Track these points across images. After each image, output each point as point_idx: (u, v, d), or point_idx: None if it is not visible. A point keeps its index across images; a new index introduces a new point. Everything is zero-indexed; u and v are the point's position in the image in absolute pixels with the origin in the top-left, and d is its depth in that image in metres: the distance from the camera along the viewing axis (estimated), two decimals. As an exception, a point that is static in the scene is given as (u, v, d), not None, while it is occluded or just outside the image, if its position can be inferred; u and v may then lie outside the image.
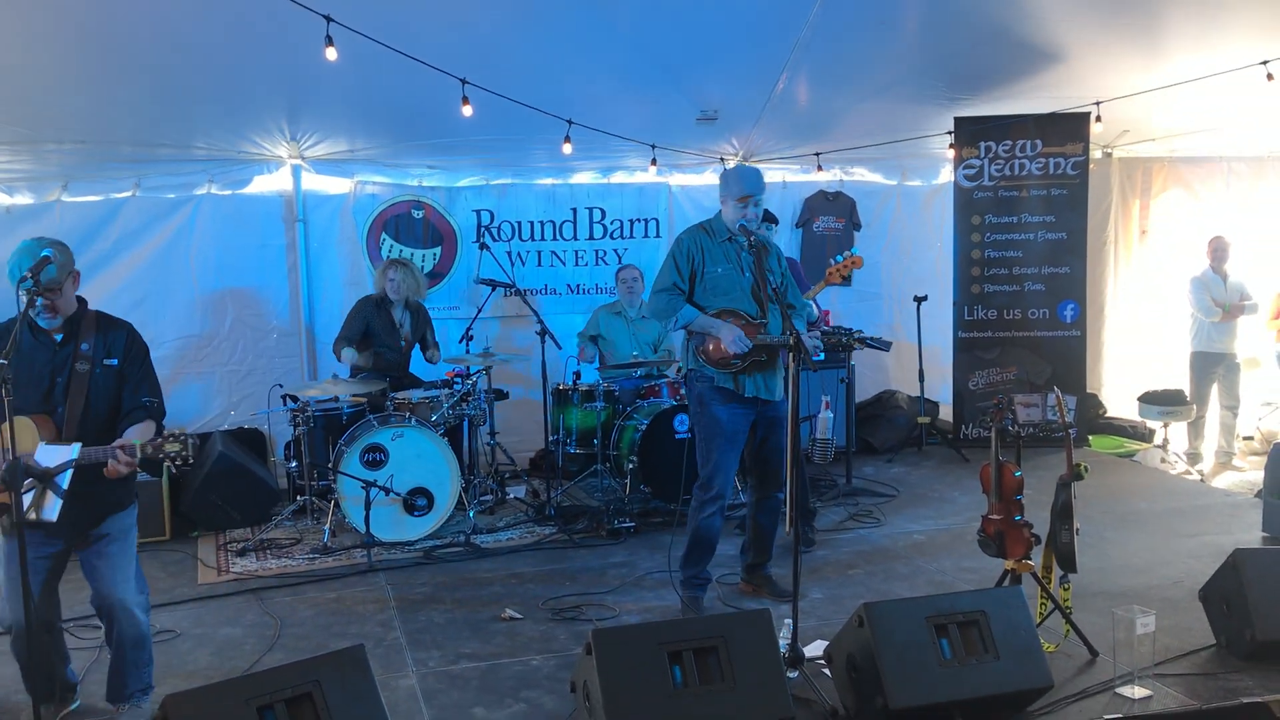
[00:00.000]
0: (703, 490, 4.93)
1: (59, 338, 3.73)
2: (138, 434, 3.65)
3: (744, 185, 4.83)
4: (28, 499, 3.32)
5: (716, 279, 4.88)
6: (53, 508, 3.39)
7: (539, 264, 8.35)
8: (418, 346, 7.25)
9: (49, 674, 3.89)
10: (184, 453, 3.56)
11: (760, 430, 5.00)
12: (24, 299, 3.54)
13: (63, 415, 3.64)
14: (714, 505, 4.91)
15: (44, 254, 3.59)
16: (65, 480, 3.39)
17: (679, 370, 7.20)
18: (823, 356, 7.69)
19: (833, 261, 6.01)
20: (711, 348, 4.84)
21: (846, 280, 6.18)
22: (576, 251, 8.44)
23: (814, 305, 4.66)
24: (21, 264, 3.60)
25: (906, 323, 8.71)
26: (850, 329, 5.45)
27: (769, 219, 6.48)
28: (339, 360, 6.81)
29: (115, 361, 3.76)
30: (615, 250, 8.50)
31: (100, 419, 3.72)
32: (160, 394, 3.87)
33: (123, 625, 3.83)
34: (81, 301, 3.82)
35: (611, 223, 8.49)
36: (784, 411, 4.95)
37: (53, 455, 3.41)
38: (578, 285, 8.46)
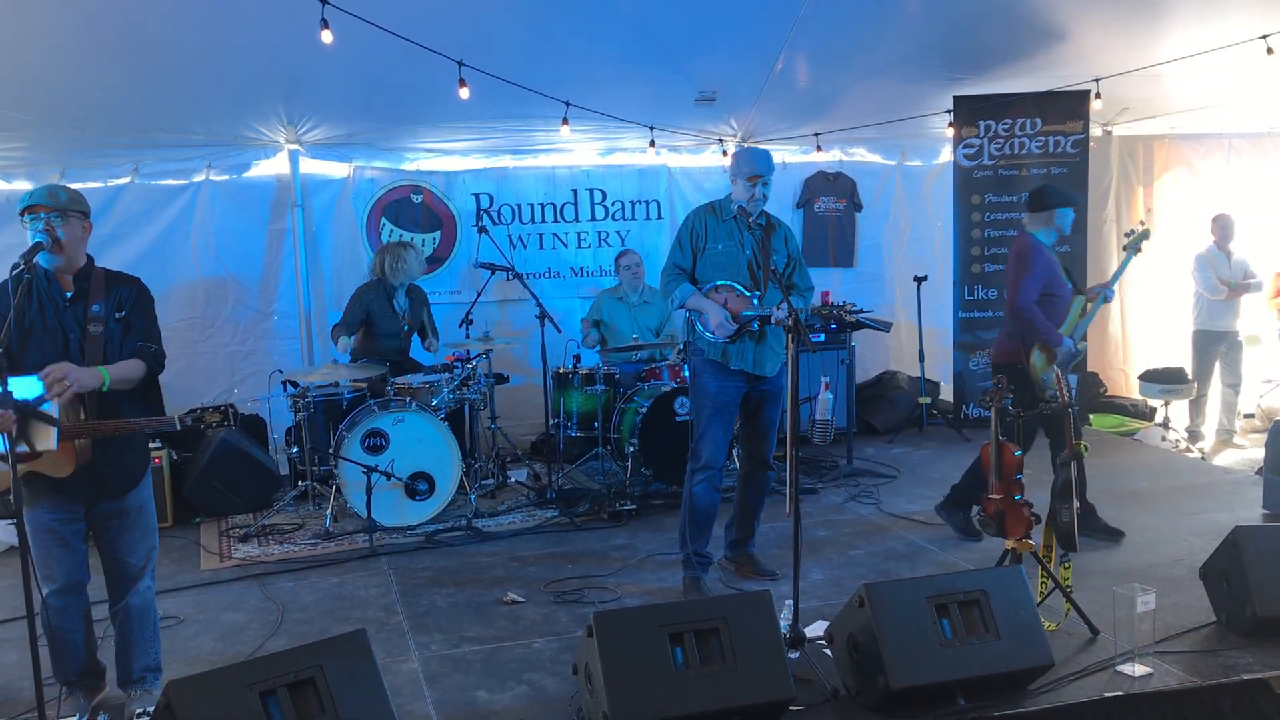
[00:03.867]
0: (693, 459, 5.02)
1: (69, 295, 3.64)
2: (123, 368, 3.57)
3: (754, 165, 4.89)
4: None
5: (716, 256, 4.97)
6: (51, 438, 3.39)
7: (540, 247, 8.33)
8: (417, 333, 7.24)
9: (77, 646, 3.85)
10: (225, 423, 3.66)
11: (752, 402, 5.07)
12: (30, 234, 3.54)
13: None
14: (703, 474, 4.96)
15: (57, 186, 3.67)
16: (54, 408, 3.37)
17: (679, 352, 7.22)
18: (823, 338, 7.76)
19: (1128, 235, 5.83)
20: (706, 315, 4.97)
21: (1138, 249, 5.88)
22: (579, 233, 8.42)
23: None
24: (34, 193, 3.60)
25: (908, 303, 8.71)
26: (844, 304, 5.32)
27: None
28: (336, 347, 6.80)
29: (124, 313, 3.71)
30: (618, 232, 8.48)
31: (129, 391, 3.65)
32: (159, 341, 3.76)
33: (130, 595, 3.85)
34: (89, 259, 3.75)
35: (613, 204, 8.46)
36: (779, 387, 5.07)
37: (23, 389, 3.36)
38: (581, 268, 8.44)
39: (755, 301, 4.88)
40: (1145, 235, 5.82)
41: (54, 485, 3.58)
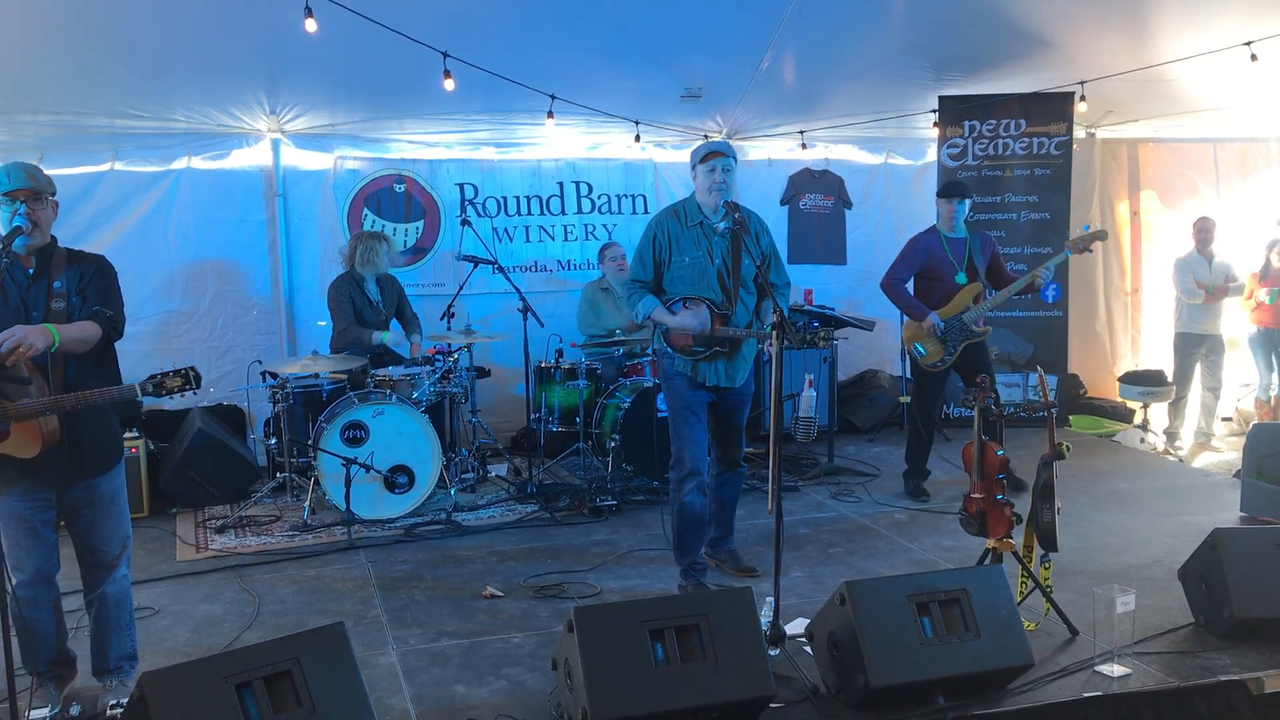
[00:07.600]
0: (677, 467, 4.94)
1: (30, 272, 3.61)
2: (74, 328, 3.52)
3: (710, 144, 4.83)
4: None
5: (684, 268, 4.85)
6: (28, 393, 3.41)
7: (527, 240, 8.27)
8: (395, 321, 7.18)
9: (48, 636, 3.81)
10: (186, 386, 3.56)
11: (721, 411, 5.03)
12: (6, 216, 3.50)
13: (46, 356, 3.49)
14: (691, 482, 4.88)
15: (32, 167, 3.63)
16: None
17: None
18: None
19: (1081, 230, 6.43)
20: (673, 335, 4.87)
21: (1088, 250, 6.44)
22: (565, 226, 8.36)
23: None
24: (13, 175, 3.56)
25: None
26: (816, 329, 5.45)
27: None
28: (371, 344, 6.76)
29: (84, 286, 3.66)
30: (605, 225, 8.42)
31: (85, 357, 3.61)
32: (118, 309, 3.70)
33: (107, 584, 3.81)
34: (53, 239, 3.71)
35: (599, 197, 8.41)
36: (746, 393, 5.05)
37: None
38: (568, 261, 8.37)
39: (727, 316, 4.80)
40: (1101, 236, 6.41)
41: (24, 469, 3.54)
